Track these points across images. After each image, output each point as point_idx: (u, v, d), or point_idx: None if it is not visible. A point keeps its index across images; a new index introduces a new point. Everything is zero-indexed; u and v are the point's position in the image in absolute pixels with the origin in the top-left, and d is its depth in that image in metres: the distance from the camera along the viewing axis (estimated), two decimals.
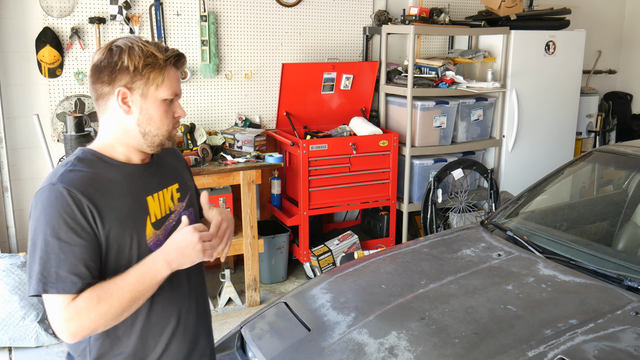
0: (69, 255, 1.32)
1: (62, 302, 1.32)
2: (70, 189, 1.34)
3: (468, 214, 4.63)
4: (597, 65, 6.13)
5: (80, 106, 3.83)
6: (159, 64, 1.42)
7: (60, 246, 1.32)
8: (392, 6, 4.82)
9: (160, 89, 1.44)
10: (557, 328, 2.02)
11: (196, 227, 1.42)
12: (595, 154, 3.17)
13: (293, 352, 2.11)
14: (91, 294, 1.33)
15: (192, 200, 1.67)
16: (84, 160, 1.43)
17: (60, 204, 1.33)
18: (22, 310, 3.35)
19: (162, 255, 1.40)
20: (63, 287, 1.31)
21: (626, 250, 2.80)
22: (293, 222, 4.22)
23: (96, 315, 1.33)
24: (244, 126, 4.38)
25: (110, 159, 1.47)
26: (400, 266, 2.60)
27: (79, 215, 1.34)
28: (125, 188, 1.45)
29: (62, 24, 3.79)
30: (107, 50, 1.43)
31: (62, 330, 1.33)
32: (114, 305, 1.34)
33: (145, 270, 1.38)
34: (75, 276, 1.32)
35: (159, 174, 1.57)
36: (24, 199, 3.93)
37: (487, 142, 4.80)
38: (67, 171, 1.39)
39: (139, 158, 1.51)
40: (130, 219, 1.43)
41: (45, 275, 1.31)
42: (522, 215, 3.04)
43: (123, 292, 1.35)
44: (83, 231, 1.34)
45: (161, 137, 1.48)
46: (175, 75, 1.47)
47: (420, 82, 4.37)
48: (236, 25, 4.29)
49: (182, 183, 1.64)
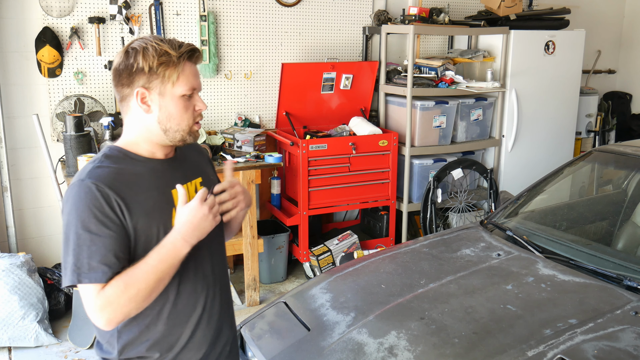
0: (99, 247, 1.39)
1: (94, 291, 1.39)
2: (98, 184, 1.41)
3: (468, 213, 4.63)
4: (597, 65, 6.13)
5: (79, 106, 3.83)
6: (172, 62, 1.46)
7: (91, 238, 1.39)
8: (392, 6, 4.82)
9: (177, 86, 1.47)
10: (556, 328, 2.02)
11: (201, 199, 1.46)
12: (595, 153, 3.17)
13: (293, 352, 2.11)
14: (117, 281, 1.39)
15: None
16: (110, 157, 1.50)
17: (89, 199, 1.40)
18: (22, 310, 3.35)
19: (180, 236, 1.44)
20: (95, 277, 1.38)
21: (626, 249, 2.80)
22: (293, 221, 4.22)
23: (126, 300, 1.39)
24: (243, 126, 4.38)
25: (136, 154, 1.53)
26: (399, 266, 2.60)
27: (107, 208, 1.40)
28: (151, 182, 1.51)
29: (62, 24, 3.79)
30: (124, 54, 1.48)
31: (97, 318, 1.40)
32: (141, 289, 1.40)
33: (166, 252, 1.43)
34: (106, 266, 1.39)
35: (182, 168, 1.61)
36: (23, 198, 3.93)
37: (486, 141, 4.80)
38: (95, 167, 1.46)
39: (162, 153, 1.56)
40: (157, 211, 1.48)
41: (79, 267, 1.38)
42: (521, 215, 3.04)
43: (148, 275, 1.41)
44: (112, 223, 1.41)
45: (182, 132, 1.52)
46: (191, 70, 1.50)
47: (420, 81, 4.37)
48: (236, 25, 4.29)
49: (206, 177, 1.68)
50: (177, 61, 1.46)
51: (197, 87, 1.52)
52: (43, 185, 3.95)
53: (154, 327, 1.53)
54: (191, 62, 1.50)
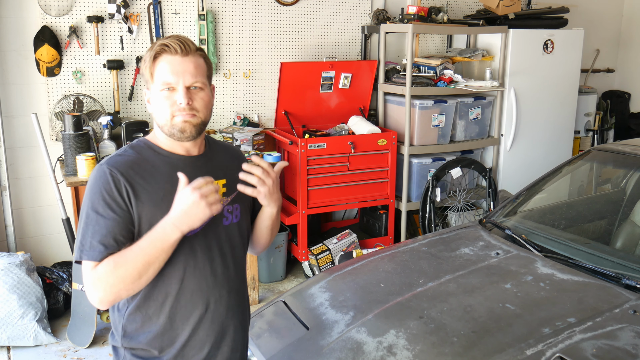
0: (102, 227, 1.46)
1: (90, 268, 1.46)
2: (112, 169, 1.50)
3: (466, 212, 4.63)
4: (595, 64, 6.13)
5: (78, 105, 3.82)
6: (150, 56, 1.53)
7: (96, 219, 1.47)
8: (391, 5, 4.82)
9: (156, 78, 1.53)
10: (555, 326, 2.03)
11: (196, 186, 1.43)
12: (594, 152, 3.17)
13: (292, 351, 2.11)
14: (109, 260, 1.45)
15: (241, 199, 1.66)
16: (134, 147, 1.60)
17: (101, 182, 1.49)
18: (21, 309, 3.34)
19: (171, 221, 1.45)
20: (92, 255, 1.45)
21: (624, 248, 2.81)
22: (292, 220, 4.22)
23: (114, 279, 1.43)
24: (242, 125, 4.38)
25: (158, 147, 1.60)
26: (398, 265, 2.60)
27: (115, 192, 1.48)
28: (166, 175, 1.55)
29: (60, 23, 3.79)
30: None
31: (90, 295, 1.47)
32: (129, 269, 1.43)
33: (156, 236, 1.45)
34: (103, 246, 1.45)
35: (206, 167, 1.61)
36: (22, 197, 3.92)
37: (485, 140, 4.80)
38: (117, 155, 1.57)
39: (182, 149, 1.60)
40: (166, 203, 1.49)
41: (83, 244, 1.46)
42: (520, 214, 3.05)
43: (136, 257, 1.44)
44: (117, 207, 1.47)
45: (167, 126, 1.54)
46: (171, 63, 1.51)
47: (419, 81, 4.37)
48: (234, 24, 4.29)
49: (231, 181, 1.62)
50: (152, 56, 1.52)
51: (172, 82, 1.50)
52: (42, 185, 3.94)
53: (156, 318, 1.56)
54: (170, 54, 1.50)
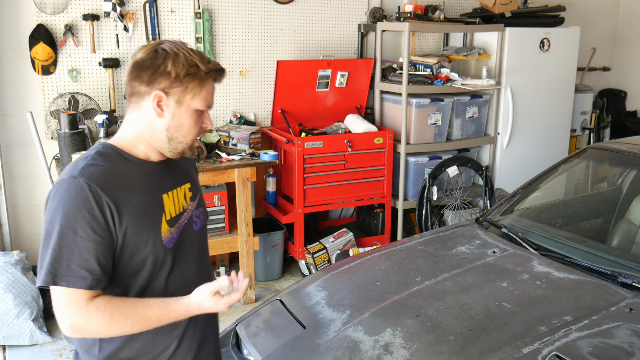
0: (82, 250, 1.33)
1: (70, 296, 1.33)
2: (90, 184, 1.35)
3: (463, 211, 4.64)
4: (592, 62, 6.14)
5: (74, 103, 3.81)
6: (200, 76, 1.44)
7: (74, 240, 1.33)
8: (387, 3, 4.81)
9: (196, 100, 1.45)
10: (551, 325, 2.03)
11: (228, 302, 1.45)
12: (590, 151, 3.17)
13: (288, 350, 2.11)
14: (106, 309, 1.35)
15: (202, 200, 1.70)
16: (103, 155, 1.44)
17: (79, 198, 1.34)
18: (16, 309, 3.33)
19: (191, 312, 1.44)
20: (73, 281, 1.32)
21: (620, 247, 2.81)
22: (288, 219, 4.21)
23: (101, 329, 1.36)
24: (238, 123, 4.37)
25: (130, 155, 1.48)
26: (395, 263, 2.60)
27: (97, 210, 1.35)
28: (143, 185, 1.46)
29: (56, 21, 3.77)
30: (152, 51, 1.43)
31: (65, 324, 1.35)
32: (123, 328, 1.37)
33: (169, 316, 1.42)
34: (86, 271, 1.33)
35: (173, 172, 1.58)
36: (17, 196, 3.91)
37: (481, 139, 4.81)
38: (88, 165, 1.40)
39: (156, 156, 1.53)
40: (147, 216, 1.44)
41: (56, 267, 1.32)
42: (516, 212, 3.05)
43: (137, 323, 1.38)
44: (99, 227, 1.35)
45: (185, 145, 1.49)
46: (212, 89, 1.49)
47: (415, 79, 4.37)
48: (231, 23, 4.28)
49: (193, 183, 1.67)
50: (204, 76, 1.44)
51: (212, 105, 1.51)
52: (37, 183, 3.93)
53: (138, 337, 1.47)
54: (215, 81, 1.50)
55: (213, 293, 1.44)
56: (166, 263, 1.49)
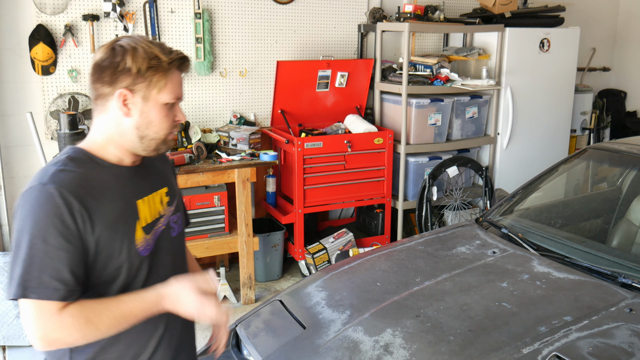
0: (54, 260, 1.27)
1: (42, 308, 1.26)
2: (61, 191, 1.29)
3: (463, 211, 4.64)
4: (592, 62, 6.14)
5: (74, 104, 3.81)
6: (162, 67, 1.38)
7: (46, 250, 1.26)
8: (387, 3, 4.81)
9: (163, 93, 1.39)
10: (551, 325, 2.03)
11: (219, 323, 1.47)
12: (590, 151, 3.17)
13: (288, 350, 2.11)
14: (80, 313, 1.28)
15: (179, 205, 1.65)
16: (75, 160, 1.38)
17: (50, 206, 1.28)
18: (16, 309, 3.33)
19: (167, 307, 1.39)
20: (45, 293, 1.26)
21: (620, 247, 2.81)
22: (288, 220, 4.21)
23: (79, 335, 1.29)
24: (238, 124, 4.37)
25: (101, 159, 1.42)
26: (395, 264, 2.60)
27: (68, 219, 1.28)
28: (116, 191, 1.40)
29: (56, 21, 3.77)
30: (109, 50, 1.38)
31: (37, 338, 1.27)
32: (100, 330, 1.31)
33: (144, 309, 1.36)
34: (59, 282, 1.27)
35: (149, 177, 1.52)
36: (17, 197, 3.90)
37: (481, 139, 4.81)
38: (59, 171, 1.33)
39: (130, 160, 1.46)
40: (121, 223, 1.38)
41: (27, 279, 1.25)
42: (516, 213, 3.05)
43: (114, 322, 1.32)
44: (71, 236, 1.29)
45: (158, 141, 1.43)
46: (178, 79, 1.43)
47: (415, 79, 4.37)
48: (231, 23, 4.28)
49: (171, 187, 1.60)
50: (167, 67, 1.38)
51: (181, 96, 1.44)
52: None
53: (111, 347, 1.42)
54: (180, 70, 1.43)
55: (197, 289, 1.39)
56: (141, 271, 1.44)
